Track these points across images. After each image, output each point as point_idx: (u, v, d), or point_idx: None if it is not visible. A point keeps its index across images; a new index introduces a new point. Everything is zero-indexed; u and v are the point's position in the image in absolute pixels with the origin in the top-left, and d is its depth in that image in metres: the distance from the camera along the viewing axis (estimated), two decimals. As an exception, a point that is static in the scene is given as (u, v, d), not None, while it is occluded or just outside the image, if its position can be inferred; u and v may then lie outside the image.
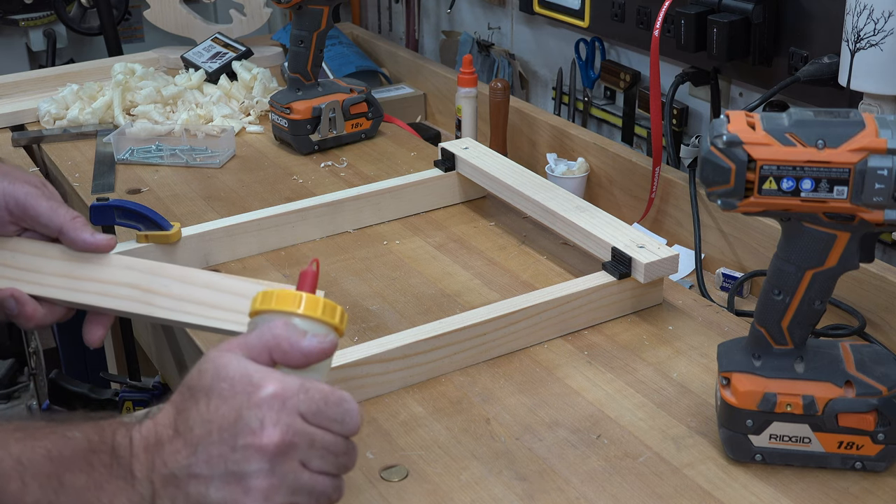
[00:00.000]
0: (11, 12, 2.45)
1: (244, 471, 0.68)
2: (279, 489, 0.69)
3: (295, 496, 0.70)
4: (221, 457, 0.68)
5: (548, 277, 1.26)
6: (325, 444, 0.71)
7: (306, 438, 0.70)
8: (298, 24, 1.64)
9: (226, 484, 0.68)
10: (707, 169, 0.84)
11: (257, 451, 0.68)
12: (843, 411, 0.88)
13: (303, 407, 0.70)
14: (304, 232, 1.36)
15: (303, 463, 0.70)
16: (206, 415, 0.69)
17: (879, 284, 1.15)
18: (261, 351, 0.72)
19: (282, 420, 0.69)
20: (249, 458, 0.68)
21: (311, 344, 0.73)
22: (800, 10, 1.30)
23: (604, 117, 1.70)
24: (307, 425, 0.70)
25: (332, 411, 0.71)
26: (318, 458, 0.71)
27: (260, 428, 0.68)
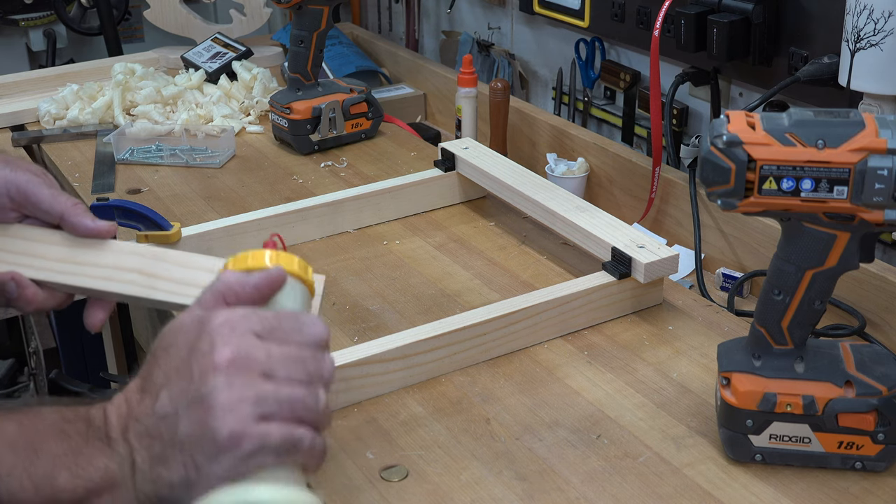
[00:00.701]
0: (11, 12, 2.45)
1: (204, 392, 0.67)
2: (243, 401, 0.67)
3: (263, 406, 0.68)
4: (183, 390, 0.68)
5: (548, 277, 1.26)
6: (284, 354, 0.70)
7: (262, 351, 0.69)
8: (298, 24, 1.64)
9: (191, 412, 0.67)
10: (707, 169, 0.84)
11: (212, 370, 0.68)
12: (843, 411, 0.88)
13: (255, 327, 0.70)
14: (304, 232, 1.36)
15: (265, 374, 0.69)
16: (165, 366, 0.70)
17: (879, 284, 1.15)
18: (214, 300, 0.73)
19: (232, 340, 0.69)
20: (207, 379, 0.68)
21: (259, 276, 0.74)
22: (800, 10, 1.30)
23: (604, 117, 1.70)
24: (262, 341, 0.70)
25: (288, 323, 0.71)
26: (282, 367, 0.69)
27: (211, 350, 0.69)
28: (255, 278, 0.74)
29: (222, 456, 0.67)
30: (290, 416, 0.69)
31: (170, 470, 0.68)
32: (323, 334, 0.73)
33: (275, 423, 0.68)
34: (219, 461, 0.67)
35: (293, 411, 0.69)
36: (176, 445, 0.67)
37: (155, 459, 0.68)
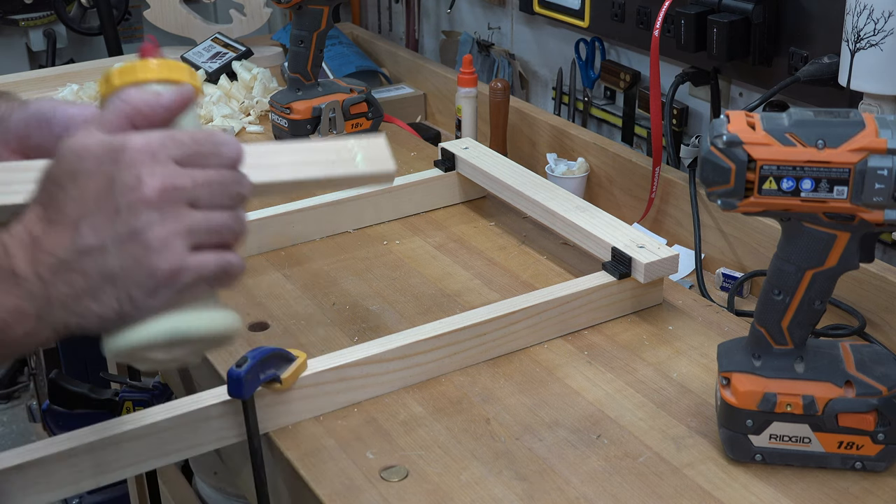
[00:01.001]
0: (11, 12, 2.45)
1: (136, 227, 0.66)
2: (176, 234, 0.67)
3: (194, 237, 0.68)
4: (108, 223, 0.67)
5: (548, 277, 1.26)
6: (208, 179, 0.69)
7: (187, 180, 0.68)
8: (298, 24, 1.64)
9: (121, 247, 0.67)
10: (707, 169, 0.84)
11: (143, 204, 0.67)
12: (843, 411, 0.88)
13: (174, 153, 0.69)
14: (304, 232, 1.36)
15: (191, 204, 0.68)
16: (78, 195, 0.67)
17: (879, 284, 1.15)
18: (119, 123, 0.70)
19: (155, 170, 0.67)
20: (137, 213, 0.67)
21: (171, 96, 0.72)
22: (800, 10, 1.30)
23: (604, 117, 1.70)
24: (184, 169, 0.69)
25: (205, 146, 0.70)
26: (206, 194, 0.69)
27: (137, 182, 0.67)
28: (167, 99, 0.72)
29: (160, 290, 0.67)
30: (220, 242, 0.70)
31: (101, 304, 0.67)
32: (239, 153, 0.72)
33: (207, 252, 0.69)
34: (156, 295, 0.67)
35: (221, 238, 0.70)
36: (107, 280, 0.67)
37: (80, 294, 0.67)
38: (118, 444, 0.92)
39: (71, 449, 0.90)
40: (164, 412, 0.94)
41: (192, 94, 0.73)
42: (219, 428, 0.96)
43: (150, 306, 0.68)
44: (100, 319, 0.67)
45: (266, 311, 1.20)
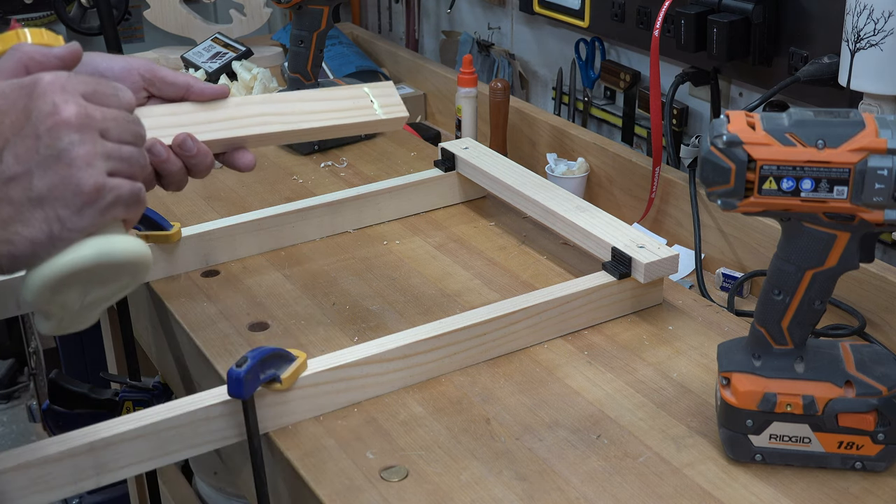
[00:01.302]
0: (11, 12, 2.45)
1: (59, 147, 0.70)
2: (96, 155, 0.71)
3: (111, 162, 0.72)
4: (30, 149, 0.70)
5: (548, 277, 1.26)
6: (113, 116, 0.73)
7: (97, 112, 0.72)
8: (298, 24, 1.64)
9: (47, 169, 0.70)
10: (707, 169, 0.84)
11: (63, 126, 0.70)
12: (843, 411, 0.88)
13: (80, 88, 0.72)
14: (304, 232, 1.36)
15: (103, 133, 0.72)
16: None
17: (879, 284, 1.15)
18: (17, 69, 0.76)
19: (69, 99, 0.71)
20: (59, 135, 0.70)
21: (62, 49, 0.79)
22: (800, 10, 1.30)
23: (604, 117, 1.70)
24: (91, 103, 0.73)
25: (105, 88, 0.74)
26: (114, 127, 0.73)
27: (55, 108, 0.70)
28: (59, 50, 0.79)
29: (86, 208, 0.71)
30: (130, 172, 0.74)
31: (29, 227, 0.70)
32: (132, 100, 0.77)
33: (121, 177, 0.73)
34: (82, 214, 0.71)
35: (131, 168, 0.74)
36: (35, 203, 0.70)
37: (7, 221, 0.69)
38: (118, 444, 0.92)
39: (71, 449, 0.90)
40: (164, 412, 0.94)
41: (80, 50, 0.80)
42: (219, 428, 0.96)
43: (77, 226, 0.71)
44: (30, 244, 0.70)
45: (266, 311, 1.20)
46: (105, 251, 0.73)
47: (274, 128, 1.00)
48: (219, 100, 0.99)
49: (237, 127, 0.98)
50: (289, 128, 1.01)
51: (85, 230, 0.71)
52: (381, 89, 1.06)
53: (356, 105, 1.04)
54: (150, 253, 0.77)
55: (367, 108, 1.03)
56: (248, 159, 0.99)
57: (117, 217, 0.74)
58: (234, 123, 0.99)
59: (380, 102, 1.05)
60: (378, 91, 1.06)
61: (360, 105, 1.03)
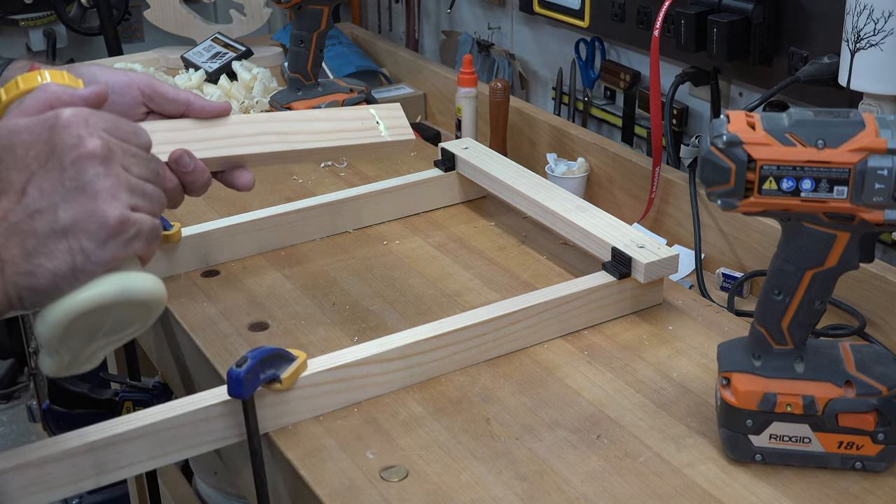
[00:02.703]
0: (11, 12, 2.45)
1: (84, 180, 0.70)
2: (120, 187, 0.72)
3: (133, 196, 0.73)
4: (55, 181, 0.70)
5: (548, 277, 1.26)
6: (133, 152, 0.74)
7: (118, 146, 0.73)
8: (298, 24, 1.64)
9: (72, 201, 0.70)
10: (707, 169, 0.84)
11: (88, 158, 0.71)
12: (843, 411, 0.88)
13: (102, 123, 0.73)
14: (304, 232, 1.36)
15: (125, 168, 0.73)
16: (19, 164, 0.71)
17: (879, 284, 1.15)
18: (42, 109, 0.77)
19: (93, 132, 0.72)
20: (84, 167, 0.71)
21: (88, 90, 0.79)
22: (800, 10, 1.30)
23: (604, 117, 1.70)
24: (113, 137, 0.73)
25: (125, 125, 0.75)
26: (135, 164, 0.74)
27: (79, 140, 0.71)
28: (84, 91, 0.79)
29: (110, 241, 0.71)
30: (150, 209, 0.75)
31: (53, 259, 0.69)
32: (149, 140, 0.78)
33: (142, 212, 0.74)
34: (106, 246, 0.71)
35: (152, 205, 0.75)
36: (59, 235, 0.70)
37: (32, 253, 0.69)
38: (118, 444, 0.92)
39: (71, 449, 0.90)
40: (164, 412, 0.94)
41: (105, 92, 0.80)
42: (219, 428, 0.96)
43: (101, 259, 0.71)
44: (53, 276, 0.70)
45: (266, 311, 1.20)
46: (126, 288, 0.73)
47: (274, 147, 0.99)
48: (220, 118, 0.98)
49: (237, 145, 0.97)
50: (290, 147, 1.00)
51: (107, 264, 0.71)
52: (388, 111, 1.05)
53: (361, 126, 1.03)
54: (164, 290, 0.77)
55: (373, 130, 1.01)
56: (246, 178, 0.98)
57: (137, 252, 0.74)
58: (234, 142, 0.98)
59: (386, 124, 1.04)
60: (384, 113, 1.04)
61: (366, 126, 1.02)
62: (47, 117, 0.72)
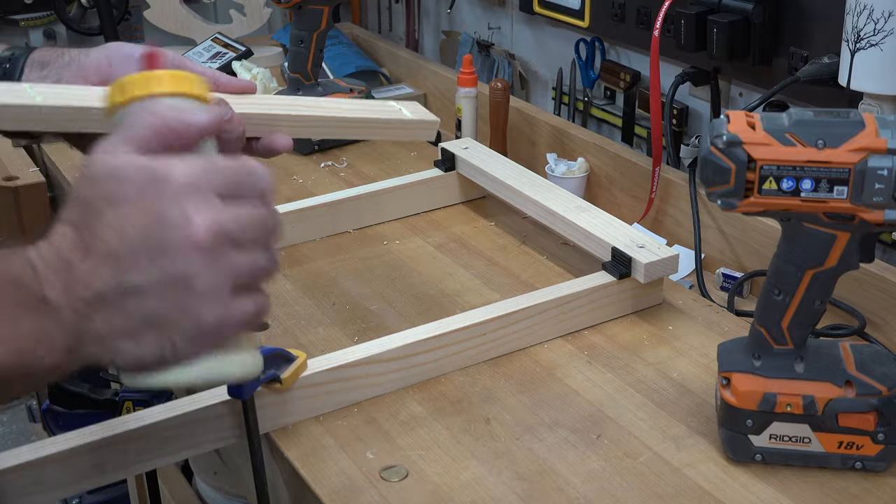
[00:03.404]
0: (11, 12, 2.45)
1: (185, 273, 0.63)
2: (224, 284, 0.64)
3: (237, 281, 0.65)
4: (153, 263, 0.62)
5: (548, 277, 1.26)
6: (250, 216, 0.66)
7: (233, 222, 0.65)
8: (298, 24, 1.64)
9: (168, 291, 0.63)
10: (707, 169, 0.84)
11: (192, 248, 0.63)
12: (843, 411, 0.88)
13: (216, 184, 0.65)
14: (304, 232, 1.36)
15: (236, 244, 0.65)
16: (117, 224, 0.63)
17: (879, 284, 1.15)
18: (150, 139, 0.66)
19: (202, 207, 0.63)
20: (187, 258, 0.63)
21: (204, 117, 0.68)
22: (800, 10, 1.30)
23: (604, 117, 1.70)
24: (228, 204, 0.65)
25: (243, 177, 0.67)
26: (249, 233, 0.66)
27: (186, 221, 0.63)
28: (202, 120, 0.68)
29: (202, 339, 0.64)
30: (257, 285, 0.67)
31: (140, 346, 0.63)
32: (269, 182, 0.69)
33: (246, 296, 0.66)
34: (198, 344, 0.65)
35: (258, 279, 0.67)
36: (148, 322, 0.63)
37: (118, 333, 0.63)
38: (118, 444, 0.92)
39: (71, 449, 0.90)
40: (164, 412, 0.94)
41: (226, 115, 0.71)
42: (219, 428, 0.96)
43: (190, 353, 0.65)
44: (137, 361, 0.64)
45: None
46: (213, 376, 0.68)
47: (305, 111, 0.98)
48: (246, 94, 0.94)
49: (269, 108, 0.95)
50: (320, 113, 0.99)
51: (198, 356, 0.66)
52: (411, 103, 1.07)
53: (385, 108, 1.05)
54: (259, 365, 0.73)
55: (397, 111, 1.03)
56: (284, 140, 0.93)
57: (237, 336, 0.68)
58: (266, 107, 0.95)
59: (409, 109, 1.05)
60: (407, 103, 1.07)
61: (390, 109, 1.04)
62: (156, 175, 0.63)
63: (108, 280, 0.62)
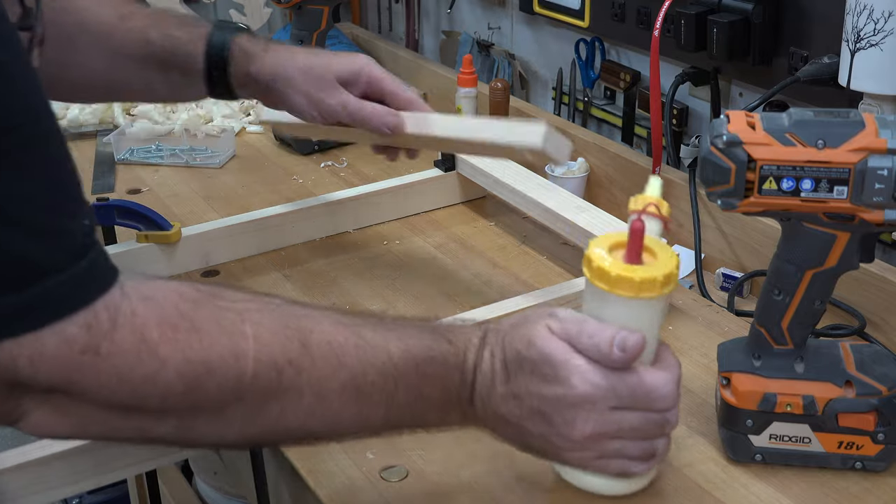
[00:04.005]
0: (11, 12, 2.45)
1: (559, 455, 0.79)
2: (590, 459, 0.79)
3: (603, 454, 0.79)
4: (540, 432, 0.78)
5: (548, 277, 1.26)
6: (632, 424, 0.78)
7: (614, 426, 0.77)
8: (298, 24, 1.64)
9: (544, 443, 0.79)
10: (707, 169, 0.84)
11: (568, 441, 0.77)
12: (843, 411, 0.88)
13: (612, 403, 0.77)
14: (304, 232, 1.36)
15: (612, 437, 0.78)
16: (531, 387, 0.77)
17: (879, 284, 1.15)
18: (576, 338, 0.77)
19: (591, 417, 0.76)
20: (564, 443, 0.78)
21: (630, 351, 0.77)
22: (800, 10, 1.30)
23: (604, 117, 1.70)
24: (615, 413, 0.77)
25: (641, 403, 0.77)
26: (629, 432, 0.78)
27: (571, 424, 0.77)
28: (624, 355, 0.77)
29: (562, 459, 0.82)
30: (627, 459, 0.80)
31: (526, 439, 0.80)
32: (670, 401, 0.79)
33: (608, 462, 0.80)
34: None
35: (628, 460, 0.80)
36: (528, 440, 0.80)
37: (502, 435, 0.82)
38: (118, 444, 0.92)
39: (71, 449, 0.90)
40: (164, 412, 0.94)
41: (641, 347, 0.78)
42: (219, 428, 0.96)
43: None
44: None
45: (266, 311, 1.19)
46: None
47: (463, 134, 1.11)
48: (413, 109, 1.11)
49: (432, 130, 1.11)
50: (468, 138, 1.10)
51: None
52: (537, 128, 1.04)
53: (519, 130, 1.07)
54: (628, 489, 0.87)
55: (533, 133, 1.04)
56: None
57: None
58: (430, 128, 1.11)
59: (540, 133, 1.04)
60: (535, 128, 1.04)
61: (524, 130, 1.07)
62: (568, 380, 0.76)
63: (514, 412, 0.78)
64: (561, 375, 0.76)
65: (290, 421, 0.73)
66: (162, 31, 1.08)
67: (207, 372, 0.68)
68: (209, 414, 0.70)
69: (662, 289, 0.79)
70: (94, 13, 1.08)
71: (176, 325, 0.67)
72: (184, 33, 1.09)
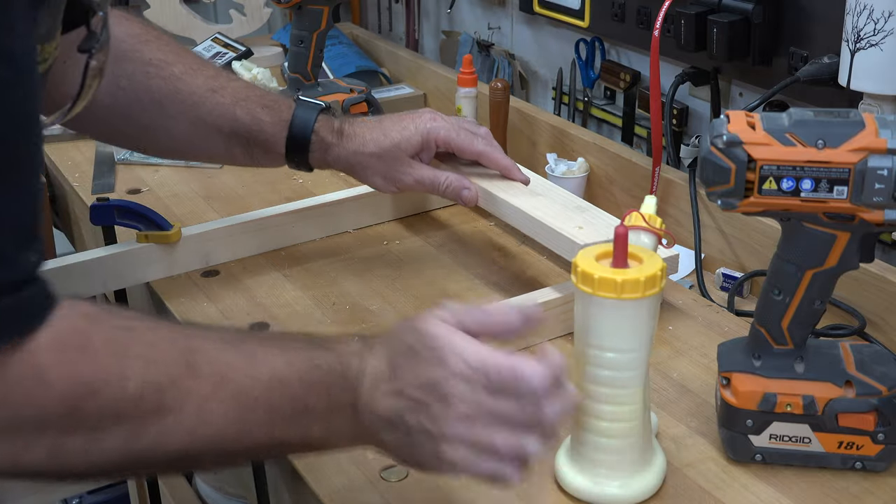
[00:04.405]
0: (11, 12, 2.45)
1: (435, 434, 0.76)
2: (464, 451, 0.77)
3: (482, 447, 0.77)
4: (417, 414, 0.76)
5: (548, 277, 1.26)
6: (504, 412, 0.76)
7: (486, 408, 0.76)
8: (298, 24, 1.64)
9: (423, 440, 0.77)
10: (707, 169, 0.84)
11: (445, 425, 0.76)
12: (843, 411, 0.88)
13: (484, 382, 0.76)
14: (304, 232, 1.36)
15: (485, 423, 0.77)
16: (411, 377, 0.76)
17: (879, 284, 1.15)
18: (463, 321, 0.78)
19: (466, 397, 0.76)
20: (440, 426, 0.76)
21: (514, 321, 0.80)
22: (800, 10, 1.30)
23: (604, 117, 1.70)
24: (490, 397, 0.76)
25: (510, 387, 0.76)
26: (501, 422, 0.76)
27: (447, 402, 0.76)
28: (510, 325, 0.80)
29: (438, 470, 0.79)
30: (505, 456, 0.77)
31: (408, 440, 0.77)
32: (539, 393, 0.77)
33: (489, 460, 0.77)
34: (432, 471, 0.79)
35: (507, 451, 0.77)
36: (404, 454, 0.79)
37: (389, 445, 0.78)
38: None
39: (71, 449, 0.90)
40: (164, 412, 0.94)
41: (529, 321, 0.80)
42: (219, 428, 0.96)
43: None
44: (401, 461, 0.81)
45: (266, 311, 1.20)
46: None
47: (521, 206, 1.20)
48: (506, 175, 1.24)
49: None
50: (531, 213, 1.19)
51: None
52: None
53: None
54: None
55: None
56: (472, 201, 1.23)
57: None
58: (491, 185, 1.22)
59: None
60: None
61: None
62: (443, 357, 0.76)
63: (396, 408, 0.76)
64: (439, 356, 0.76)
65: (169, 443, 0.72)
66: (248, 111, 1.17)
67: (90, 393, 0.69)
68: (84, 438, 0.70)
69: (645, 290, 0.81)
70: (186, 83, 1.15)
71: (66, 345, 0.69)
72: (267, 115, 1.17)
